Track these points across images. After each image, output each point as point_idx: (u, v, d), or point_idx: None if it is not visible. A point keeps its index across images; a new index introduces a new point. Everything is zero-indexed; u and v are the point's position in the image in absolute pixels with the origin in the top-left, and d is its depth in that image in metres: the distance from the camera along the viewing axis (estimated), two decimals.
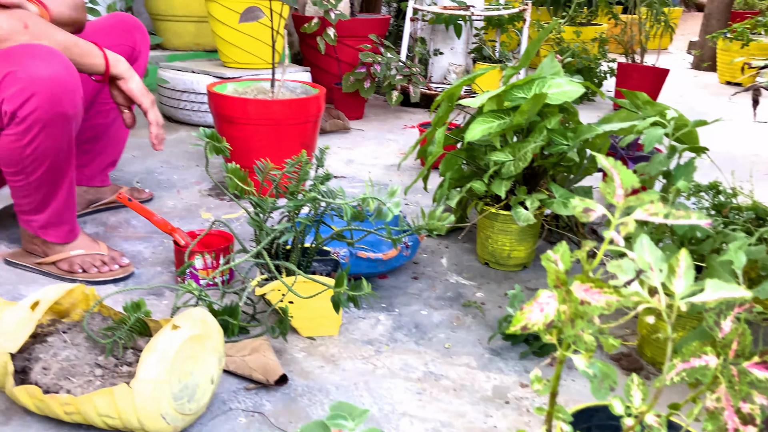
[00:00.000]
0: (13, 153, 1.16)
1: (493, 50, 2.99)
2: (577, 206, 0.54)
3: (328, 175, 1.15)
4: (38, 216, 1.28)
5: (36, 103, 1.10)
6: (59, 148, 1.19)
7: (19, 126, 1.12)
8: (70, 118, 1.16)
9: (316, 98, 1.81)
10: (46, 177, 1.22)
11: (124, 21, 1.57)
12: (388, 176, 2.10)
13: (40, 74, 1.09)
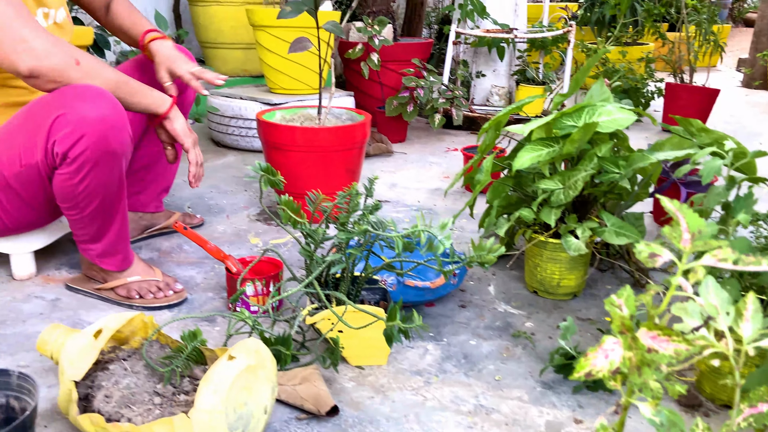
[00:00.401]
0: (67, 190, 1.21)
1: (536, 72, 2.97)
2: (643, 251, 0.53)
3: (377, 204, 1.16)
4: (95, 245, 1.33)
5: (85, 143, 1.14)
6: (110, 183, 1.23)
7: (70, 166, 1.16)
8: (119, 156, 1.21)
9: (361, 125, 1.83)
10: (99, 211, 1.26)
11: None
12: (433, 200, 2.10)
13: (88, 116, 1.13)
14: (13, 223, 1.32)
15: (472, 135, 3.02)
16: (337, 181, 1.84)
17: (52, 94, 1.16)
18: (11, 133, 1.21)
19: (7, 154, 1.21)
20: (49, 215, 1.35)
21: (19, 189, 1.24)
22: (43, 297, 1.37)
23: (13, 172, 1.21)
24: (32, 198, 1.26)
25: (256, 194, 2.14)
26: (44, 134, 1.14)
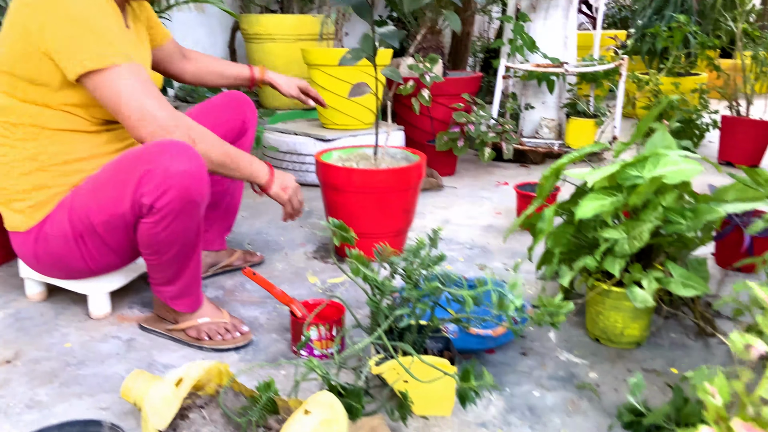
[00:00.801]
0: (150, 238, 1.28)
1: (587, 104, 2.96)
2: (737, 342, 0.54)
3: (442, 256, 1.18)
4: (169, 288, 1.39)
5: (170, 196, 1.21)
6: (189, 230, 1.30)
7: (155, 216, 1.24)
8: (199, 205, 1.28)
9: (417, 166, 1.86)
10: (177, 255, 1.33)
11: (237, 98, 1.72)
12: (486, 238, 2.11)
13: (172, 170, 1.20)
14: (96, 266, 1.39)
15: (522, 168, 3.02)
16: (393, 221, 1.87)
17: (141, 149, 1.24)
18: (101, 184, 1.29)
19: (96, 202, 1.29)
20: (129, 259, 1.42)
21: (105, 235, 1.31)
22: (118, 337, 1.44)
23: (101, 220, 1.29)
24: (116, 244, 1.34)
25: (311, 230, 2.18)
26: (132, 187, 1.22)
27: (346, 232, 1.10)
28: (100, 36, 1.21)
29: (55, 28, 1.20)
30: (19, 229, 1.37)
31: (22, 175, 1.34)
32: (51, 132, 1.32)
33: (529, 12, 2.99)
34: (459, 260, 1.92)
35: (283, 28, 3.31)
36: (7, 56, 1.27)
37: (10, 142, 1.33)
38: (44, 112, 1.30)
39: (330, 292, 1.70)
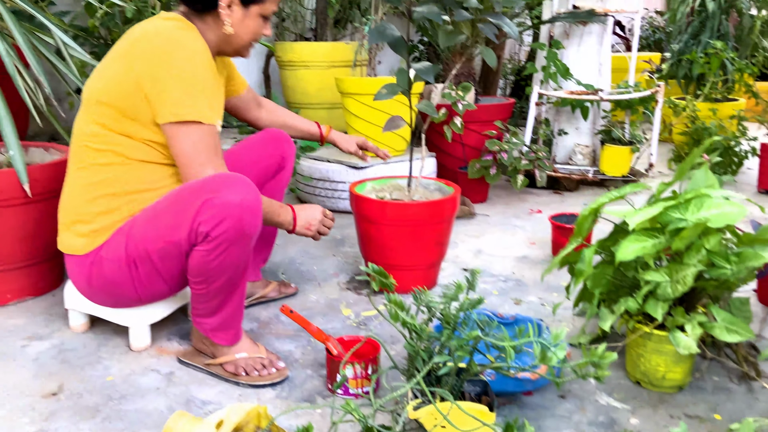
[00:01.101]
0: (202, 266, 1.32)
1: (622, 131, 2.93)
2: None
3: (481, 299, 1.18)
4: (210, 319, 1.41)
5: (226, 225, 1.27)
6: (239, 261, 1.34)
7: (210, 244, 1.29)
8: (251, 237, 1.33)
9: (451, 199, 1.86)
10: (224, 286, 1.36)
11: (275, 136, 1.78)
12: (521, 270, 2.09)
13: (230, 201, 1.26)
14: (144, 293, 1.43)
15: (556, 195, 2.99)
16: (426, 253, 1.87)
17: (202, 181, 1.31)
18: (160, 212, 1.34)
19: (153, 230, 1.33)
20: (176, 288, 1.46)
21: (158, 262, 1.35)
22: (158, 370, 1.46)
23: (157, 247, 1.33)
24: (167, 272, 1.37)
25: (344, 259, 2.20)
26: (192, 215, 1.27)
27: (386, 278, 1.11)
28: (197, 94, 1.32)
29: (161, 79, 1.30)
30: (78, 252, 1.41)
31: (95, 198, 1.39)
32: (130, 161, 1.38)
33: (563, 39, 2.99)
34: (493, 293, 1.91)
35: (316, 56, 3.36)
36: (107, 89, 1.35)
37: (90, 167, 1.39)
38: (127, 143, 1.37)
39: (364, 326, 1.70)
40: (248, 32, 1.46)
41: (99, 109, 1.37)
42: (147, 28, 1.37)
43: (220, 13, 1.41)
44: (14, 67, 1.59)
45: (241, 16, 1.43)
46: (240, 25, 1.44)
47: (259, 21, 1.46)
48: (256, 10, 1.44)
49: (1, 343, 1.55)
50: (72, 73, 1.72)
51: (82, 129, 1.40)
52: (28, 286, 1.76)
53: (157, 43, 1.32)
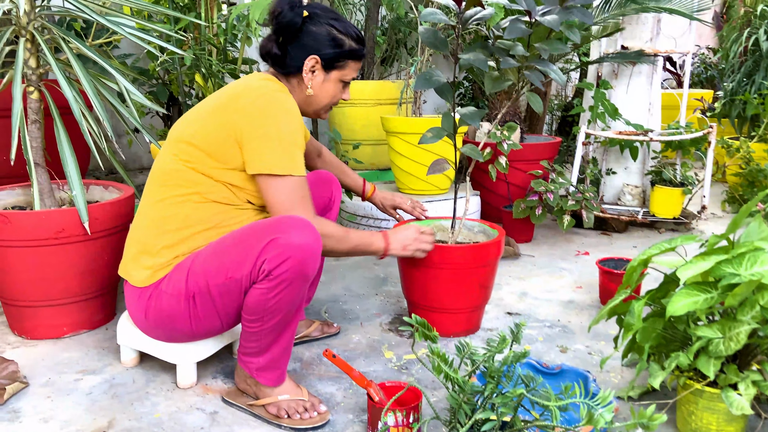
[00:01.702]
0: (259, 304, 1.36)
1: (674, 172, 2.86)
2: None
3: (526, 352, 1.16)
4: (258, 359, 1.44)
5: (289, 265, 1.31)
6: (294, 302, 1.38)
7: (270, 282, 1.33)
8: (309, 278, 1.37)
9: (496, 243, 1.85)
10: (276, 325, 1.40)
11: (325, 178, 1.85)
12: (567, 315, 2.05)
13: (295, 242, 1.31)
14: (199, 329, 1.47)
15: (604, 236, 2.93)
16: (469, 297, 1.86)
17: (269, 221, 1.37)
18: (225, 248, 1.39)
19: (216, 265, 1.38)
20: (229, 325, 1.49)
21: (216, 298, 1.40)
22: (203, 409, 1.49)
23: (218, 282, 1.38)
24: (224, 308, 1.41)
25: (386, 299, 2.20)
26: (256, 252, 1.32)
27: (429, 330, 1.11)
28: (292, 150, 1.42)
29: (260, 136, 1.40)
30: (140, 284, 1.46)
31: (164, 232, 1.45)
32: (204, 200, 1.45)
33: (611, 78, 2.97)
34: (538, 340, 1.87)
35: (363, 94, 3.43)
36: (199, 134, 1.44)
37: (165, 201, 1.46)
38: (206, 182, 1.44)
39: (406, 370, 1.69)
40: (327, 95, 1.57)
41: (186, 149, 1.45)
42: (251, 85, 1.47)
43: (303, 77, 1.52)
44: (80, 113, 1.68)
45: (322, 80, 1.54)
46: (320, 88, 1.55)
47: (339, 85, 1.57)
48: (336, 75, 1.55)
49: (57, 376, 1.61)
50: (132, 115, 1.81)
51: (165, 165, 1.48)
52: (83, 319, 1.83)
53: (260, 103, 1.41)
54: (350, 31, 1.54)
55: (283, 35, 1.51)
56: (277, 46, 1.52)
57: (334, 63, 1.53)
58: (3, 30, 1.68)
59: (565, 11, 1.61)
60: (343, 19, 1.56)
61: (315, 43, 1.51)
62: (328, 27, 1.52)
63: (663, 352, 1.44)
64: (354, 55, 1.55)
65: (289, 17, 1.48)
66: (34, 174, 1.78)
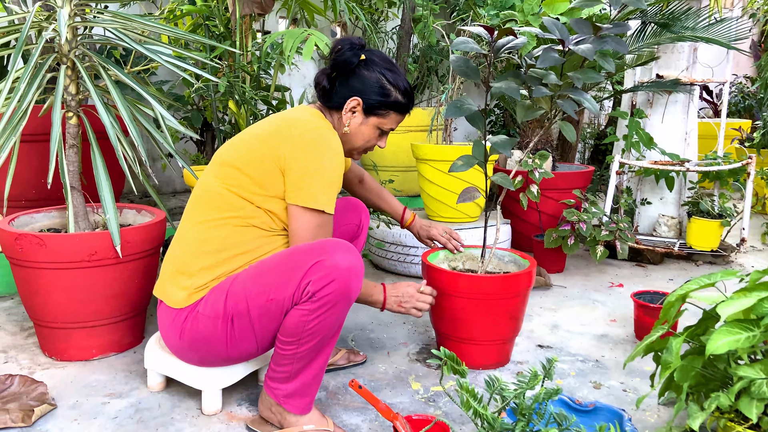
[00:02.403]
0: (298, 325, 1.35)
1: (711, 204, 2.78)
2: None
3: (558, 389, 1.12)
4: (287, 385, 1.42)
5: (333, 287, 1.33)
6: (333, 326, 1.38)
7: (313, 304, 1.33)
8: (352, 300, 1.38)
9: (527, 273, 1.81)
10: (312, 349, 1.39)
11: (353, 204, 1.87)
12: (600, 350, 1.99)
13: (340, 264, 1.33)
14: (234, 352, 1.46)
15: (638, 267, 2.86)
16: (499, 328, 1.82)
17: (313, 244, 1.38)
18: (267, 270, 1.39)
19: (257, 287, 1.38)
20: (263, 349, 1.48)
21: (255, 320, 1.39)
22: None
23: (258, 304, 1.38)
24: (262, 330, 1.41)
25: (414, 327, 2.17)
26: (302, 273, 1.33)
27: (458, 365, 1.08)
28: (330, 189, 1.45)
29: (305, 170, 1.43)
30: (176, 305, 1.46)
31: (202, 253, 1.45)
32: (245, 225, 1.46)
33: (646, 107, 2.92)
34: (570, 374, 1.82)
35: None
36: (246, 158, 1.47)
37: (205, 223, 1.47)
38: (248, 207, 1.46)
39: (433, 402, 1.66)
40: (362, 138, 1.60)
41: (231, 173, 1.47)
42: (301, 117, 1.51)
43: (343, 115, 1.57)
44: (116, 138, 1.72)
45: (359, 122, 1.58)
46: (356, 129, 1.59)
47: (375, 132, 1.61)
48: (375, 121, 1.59)
49: (84, 399, 1.62)
50: (166, 141, 1.84)
51: (208, 188, 1.50)
52: (111, 342, 1.84)
53: (309, 137, 1.45)
54: (400, 84, 1.57)
55: (337, 71, 1.56)
56: (328, 80, 1.57)
57: (374, 109, 1.56)
58: (45, 57, 1.73)
59: (599, 40, 1.59)
60: (399, 71, 1.59)
61: (362, 86, 1.55)
62: (379, 74, 1.56)
63: (702, 391, 1.37)
64: (397, 107, 1.58)
65: (346, 56, 1.53)
66: (70, 197, 1.82)
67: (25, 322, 2.11)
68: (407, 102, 1.60)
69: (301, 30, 2.05)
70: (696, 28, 2.76)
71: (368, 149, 1.65)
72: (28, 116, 1.65)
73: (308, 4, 2.58)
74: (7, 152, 1.62)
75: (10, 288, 2.36)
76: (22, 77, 1.61)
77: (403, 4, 3.48)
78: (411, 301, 1.67)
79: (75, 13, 1.78)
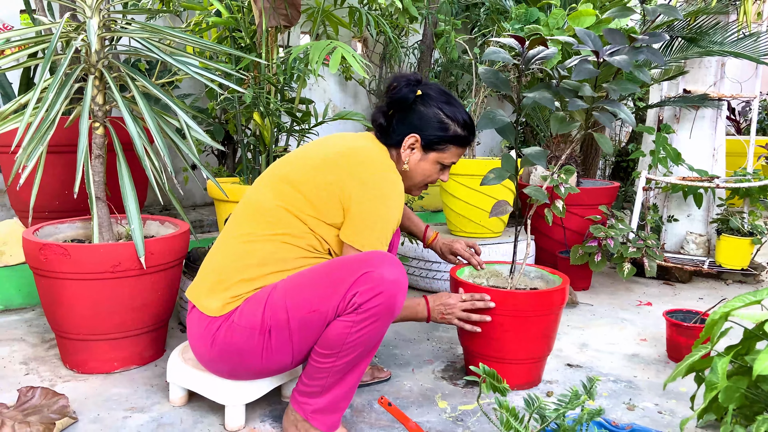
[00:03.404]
0: (340, 337, 1.32)
1: (741, 221, 2.72)
2: None
3: (600, 410, 1.07)
4: (317, 399, 1.38)
5: (380, 299, 1.30)
6: (375, 339, 1.36)
7: (358, 315, 1.30)
8: (395, 315, 1.36)
9: (561, 290, 1.75)
10: (349, 364, 1.35)
11: None
12: (631, 370, 1.92)
13: (387, 277, 1.31)
14: (268, 365, 1.41)
15: (666, 286, 2.79)
16: (532, 346, 1.75)
17: (360, 256, 1.36)
18: (310, 282, 1.35)
19: (299, 298, 1.34)
20: (298, 362, 1.43)
21: (295, 332, 1.35)
22: None
23: (300, 315, 1.33)
24: (300, 342, 1.36)
25: (438, 344, 2.12)
26: (348, 285, 1.31)
27: (499, 382, 1.03)
28: (387, 234, 1.43)
29: (368, 213, 1.41)
30: (210, 313, 1.41)
31: (244, 266, 1.41)
32: (292, 244, 1.42)
33: (672, 123, 2.87)
34: (602, 395, 1.76)
35: None
36: (307, 181, 1.44)
37: (253, 235, 1.44)
38: (299, 228, 1.43)
39: (461, 422, 1.60)
40: (421, 174, 1.58)
41: (289, 191, 1.44)
42: (370, 155, 1.48)
43: (402, 152, 1.54)
44: (143, 149, 1.71)
45: (419, 159, 1.56)
46: (416, 166, 1.56)
47: (436, 167, 1.58)
48: (435, 156, 1.56)
49: (106, 413, 1.59)
50: (191, 151, 1.83)
51: (261, 202, 1.46)
52: (133, 355, 1.81)
53: (377, 179, 1.43)
54: (458, 117, 1.55)
55: (394, 108, 1.55)
56: (385, 118, 1.55)
57: (434, 145, 1.54)
58: (74, 67, 1.73)
59: (635, 51, 1.55)
60: (456, 103, 1.57)
61: (420, 123, 1.53)
62: (437, 110, 1.53)
63: (746, 414, 1.31)
64: (457, 141, 1.56)
65: (402, 93, 1.52)
66: (95, 207, 1.80)
67: (46, 334, 2.09)
68: (467, 134, 1.57)
69: (326, 42, 2.04)
70: (724, 42, 2.72)
71: (430, 183, 1.63)
72: (55, 126, 1.64)
73: (333, 17, 2.57)
74: (34, 161, 1.61)
75: (30, 299, 2.35)
76: (51, 87, 1.60)
77: (425, 20, 3.48)
78: (456, 311, 1.66)
79: (104, 23, 1.78)
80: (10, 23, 2.80)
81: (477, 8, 3.87)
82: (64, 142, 2.13)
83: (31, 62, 1.84)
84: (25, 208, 2.34)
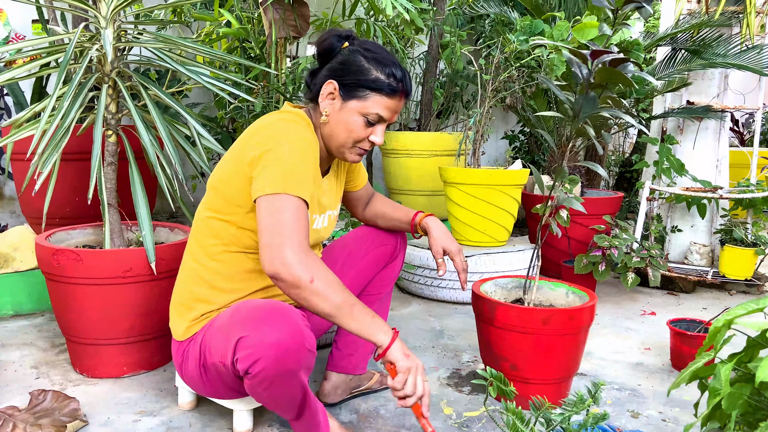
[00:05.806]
0: (254, 395, 1.28)
1: (745, 232, 2.73)
2: None
3: (606, 414, 1.09)
4: (295, 423, 1.39)
5: (263, 364, 1.19)
6: (290, 393, 1.28)
7: (252, 380, 1.23)
8: (296, 373, 1.23)
9: (590, 308, 1.69)
10: (286, 408, 1.33)
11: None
12: (636, 378, 1.93)
13: (266, 340, 1.18)
14: (217, 395, 1.42)
15: (670, 296, 2.80)
16: (554, 364, 1.68)
17: (246, 312, 1.24)
18: (219, 329, 1.31)
19: (213, 344, 1.31)
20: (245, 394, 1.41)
21: (223, 373, 1.32)
22: None
23: (212, 362, 1.32)
24: (231, 382, 1.35)
25: (443, 352, 2.14)
26: (231, 349, 1.23)
27: (506, 386, 1.05)
28: (291, 171, 1.25)
29: (264, 162, 1.26)
30: (178, 337, 1.45)
31: (197, 285, 1.42)
32: (229, 251, 1.40)
33: (676, 134, 2.90)
34: (607, 403, 1.77)
35: (419, 145, 3.46)
36: (220, 174, 1.38)
37: (197, 254, 1.43)
38: (228, 231, 1.37)
39: (466, 428, 1.62)
40: (345, 129, 1.37)
41: (211, 196, 1.41)
42: (263, 121, 1.37)
43: (320, 102, 1.39)
44: (155, 157, 1.74)
45: (338, 108, 1.37)
46: (336, 116, 1.38)
47: (359, 120, 1.36)
48: (356, 105, 1.36)
49: (116, 416, 1.61)
50: (201, 158, 1.86)
51: (199, 214, 1.45)
52: (143, 359, 1.83)
53: (267, 134, 1.30)
54: (384, 62, 1.35)
55: (320, 61, 1.42)
56: (311, 72, 1.44)
57: (353, 91, 1.35)
58: (88, 76, 1.77)
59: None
60: (384, 53, 1.38)
61: (339, 70, 1.36)
62: (361, 56, 1.36)
63: (749, 421, 1.32)
64: (379, 88, 1.34)
65: (328, 43, 1.39)
66: (107, 214, 1.83)
67: (56, 339, 2.12)
68: (391, 83, 1.35)
69: None
70: (727, 54, 2.74)
71: (358, 144, 1.40)
72: (70, 134, 1.68)
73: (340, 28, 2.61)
74: (48, 169, 1.64)
75: (40, 305, 2.38)
76: (66, 95, 1.64)
77: (430, 31, 3.52)
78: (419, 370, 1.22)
79: (118, 34, 1.82)
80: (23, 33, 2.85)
81: (482, 20, 3.91)
82: (76, 149, 2.16)
83: (44, 72, 1.88)
84: (36, 214, 2.38)
